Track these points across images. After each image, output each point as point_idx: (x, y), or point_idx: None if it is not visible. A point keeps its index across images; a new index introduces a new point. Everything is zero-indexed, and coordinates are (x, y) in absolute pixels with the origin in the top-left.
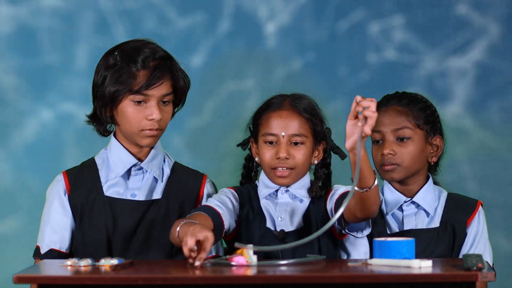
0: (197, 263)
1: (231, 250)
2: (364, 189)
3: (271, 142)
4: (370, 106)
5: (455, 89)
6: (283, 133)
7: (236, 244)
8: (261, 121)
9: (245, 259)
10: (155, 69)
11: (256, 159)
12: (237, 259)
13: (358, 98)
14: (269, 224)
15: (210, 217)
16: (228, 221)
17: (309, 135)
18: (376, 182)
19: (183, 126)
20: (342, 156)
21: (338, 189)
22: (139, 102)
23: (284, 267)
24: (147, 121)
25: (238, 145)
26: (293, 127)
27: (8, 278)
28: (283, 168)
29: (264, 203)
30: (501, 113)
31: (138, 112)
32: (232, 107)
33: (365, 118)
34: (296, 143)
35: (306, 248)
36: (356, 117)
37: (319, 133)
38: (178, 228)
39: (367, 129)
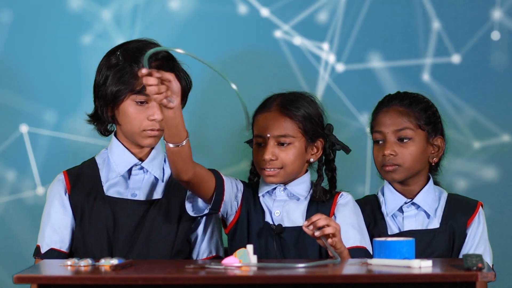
0: (170, 103)
1: (231, 250)
2: None
3: (260, 143)
4: (318, 225)
5: None
6: (268, 135)
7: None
8: (254, 122)
9: (242, 260)
10: (157, 69)
11: None
12: (234, 261)
13: (305, 223)
14: (267, 219)
15: (215, 177)
16: (228, 190)
17: (298, 134)
18: None
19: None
20: (347, 150)
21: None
22: (141, 103)
23: (283, 267)
24: (149, 121)
25: (245, 142)
26: (279, 128)
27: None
28: (271, 169)
29: (263, 199)
30: None
31: (140, 112)
32: (233, 106)
33: (326, 235)
34: (283, 144)
35: (306, 248)
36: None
37: (310, 131)
38: None
39: (331, 241)
